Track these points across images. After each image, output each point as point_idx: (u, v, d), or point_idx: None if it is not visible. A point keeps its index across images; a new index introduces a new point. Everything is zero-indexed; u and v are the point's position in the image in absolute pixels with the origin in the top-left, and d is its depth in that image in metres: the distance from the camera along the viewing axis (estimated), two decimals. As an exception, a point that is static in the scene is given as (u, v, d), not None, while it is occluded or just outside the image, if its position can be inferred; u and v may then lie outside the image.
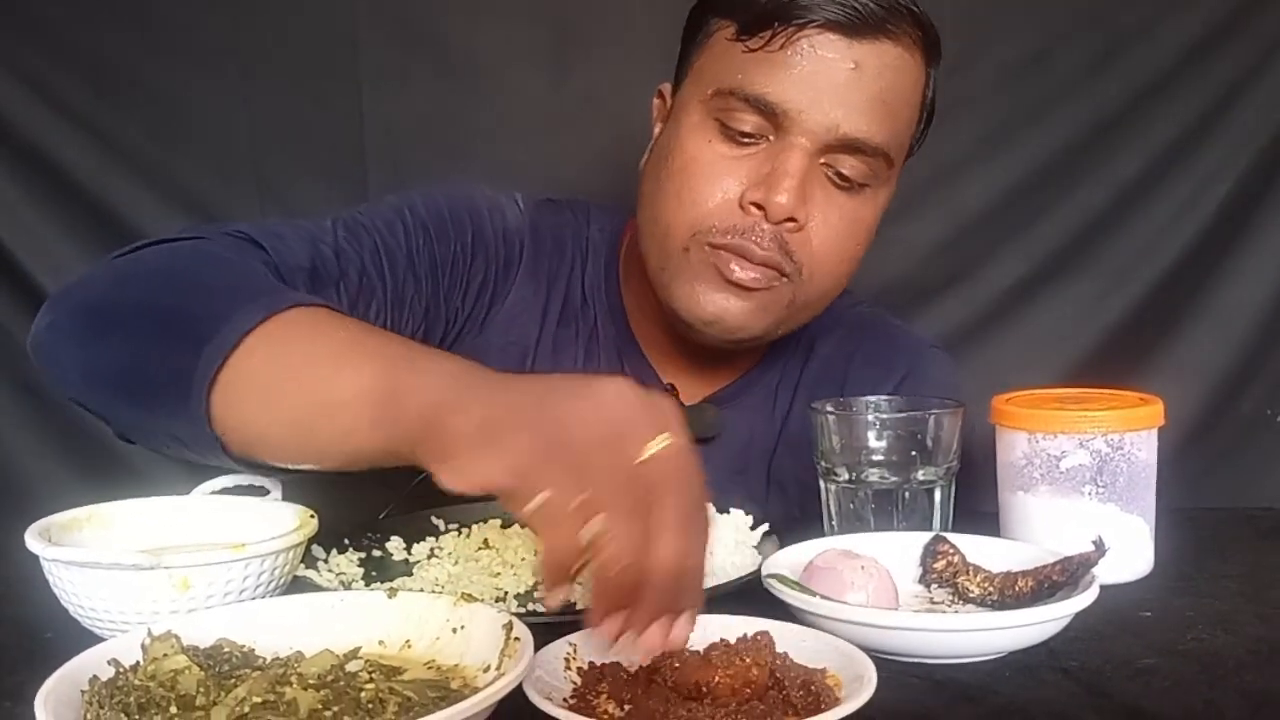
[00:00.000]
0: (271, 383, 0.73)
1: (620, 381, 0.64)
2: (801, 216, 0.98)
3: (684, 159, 1.00)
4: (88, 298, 0.85)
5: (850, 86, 0.96)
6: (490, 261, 1.09)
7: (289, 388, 0.72)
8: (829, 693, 0.61)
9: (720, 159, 0.99)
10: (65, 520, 0.79)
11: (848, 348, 1.16)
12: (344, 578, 0.85)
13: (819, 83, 0.95)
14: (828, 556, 0.78)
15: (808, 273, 1.01)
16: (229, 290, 0.79)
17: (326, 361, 0.72)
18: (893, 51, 0.97)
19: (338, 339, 0.74)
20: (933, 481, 0.90)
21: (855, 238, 1.03)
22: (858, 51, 0.96)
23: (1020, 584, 0.77)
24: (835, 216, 1.00)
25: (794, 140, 0.97)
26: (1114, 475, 0.86)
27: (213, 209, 1.59)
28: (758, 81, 0.96)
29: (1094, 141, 1.63)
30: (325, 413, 0.70)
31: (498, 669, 0.61)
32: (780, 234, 0.98)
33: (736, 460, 1.12)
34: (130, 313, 0.81)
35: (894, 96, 0.98)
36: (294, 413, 0.72)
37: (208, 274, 0.83)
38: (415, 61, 1.59)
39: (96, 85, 1.56)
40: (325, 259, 0.96)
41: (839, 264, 1.03)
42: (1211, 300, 1.63)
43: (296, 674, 0.58)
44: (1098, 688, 0.67)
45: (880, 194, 1.03)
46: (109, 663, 0.58)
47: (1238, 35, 1.61)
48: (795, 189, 0.96)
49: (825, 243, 1.00)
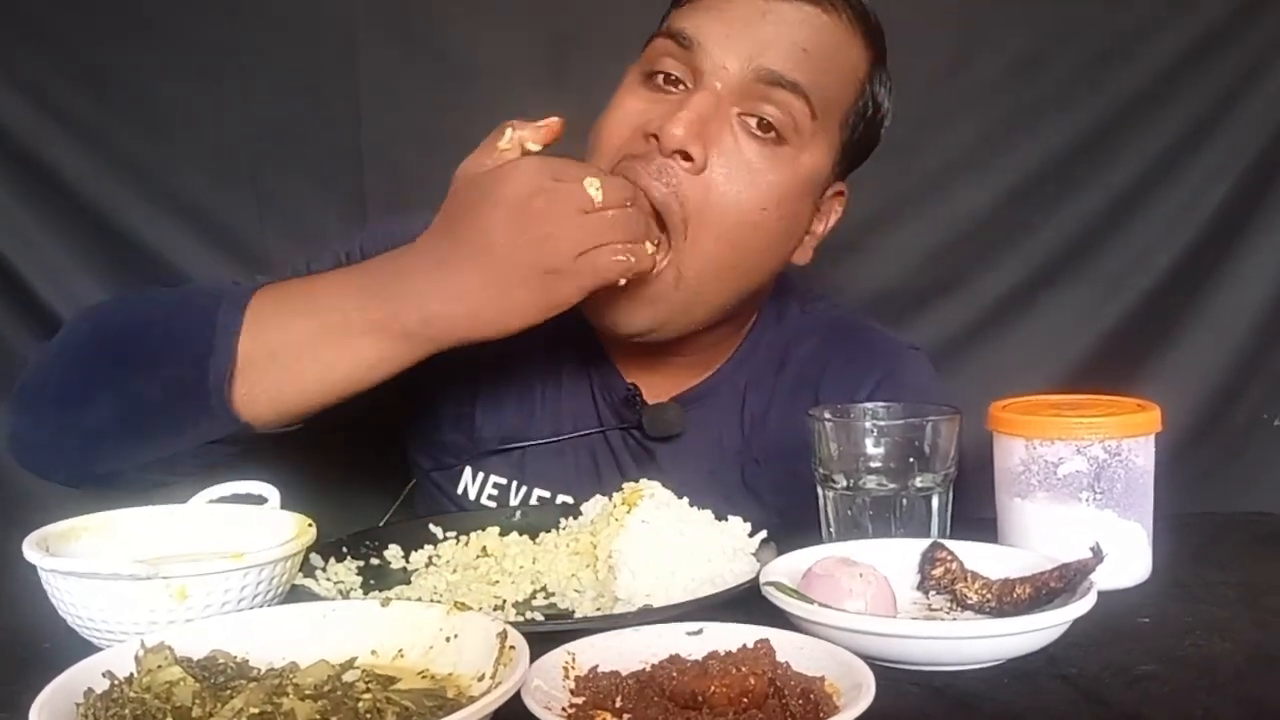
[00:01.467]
0: (287, 355, 0.88)
1: (510, 181, 0.88)
2: (698, 155, 0.95)
3: (608, 111, 1.03)
4: (46, 384, 0.95)
5: (768, 28, 0.98)
6: None
7: (305, 352, 0.88)
8: (827, 701, 0.60)
9: (639, 102, 1.01)
10: (63, 530, 0.79)
11: (823, 352, 1.15)
12: (342, 586, 0.85)
13: (736, 19, 0.98)
14: (826, 564, 0.78)
15: (694, 228, 0.96)
16: (191, 310, 0.91)
17: (323, 315, 0.88)
18: (814, 12, 1.00)
19: (306, 309, 0.89)
20: (930, 488, 0.90)
21: (759, 196, 0.98)
22: (774, 4, 0.99)
23: (1018, 591, 0.77)
24: (739, 165, 0.97)
25: (708, 83, 0.98)
26: (1111, 481, 0.86)
27: (209, 215, 1.59)
28: (680, 19, 1.00)
29: (1090, 147, 1.63)
30: (347, 356, 0.88)
31: (493, 678, 0.61)
32: (671, 166, 0.96)
33: (706, 460, 1.12)
34: (102, 375, 0.91)
35: (816, 50, 0.99)
36: (319, 367, 0.88)
37: (155, 314, 0.95)
38: (413, 68, 1.60)
39: (94, 91, 1.57)
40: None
41: (734, 224, 0.98)
42: (1208, 305, 1.63)
43: (293, 684, 0.58)
44: (1096, 694, 0.67)
45: (802, 157, 1.00)
46: (104, 674, 0.58)
47: (1233, 41, 1.61)
48: (692, 121, 0.95)
49: (721, 192, 0.96)
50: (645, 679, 0.63)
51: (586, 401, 1.13)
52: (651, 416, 1.09)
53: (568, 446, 1.12)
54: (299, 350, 0.88)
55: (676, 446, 1.11)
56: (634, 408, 1.10)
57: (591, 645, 0.67)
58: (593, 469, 1.12)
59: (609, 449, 1.13)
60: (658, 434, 1.10)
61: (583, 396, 1.13)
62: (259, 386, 0.88)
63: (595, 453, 1.13)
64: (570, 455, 1.12)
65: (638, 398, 1.10)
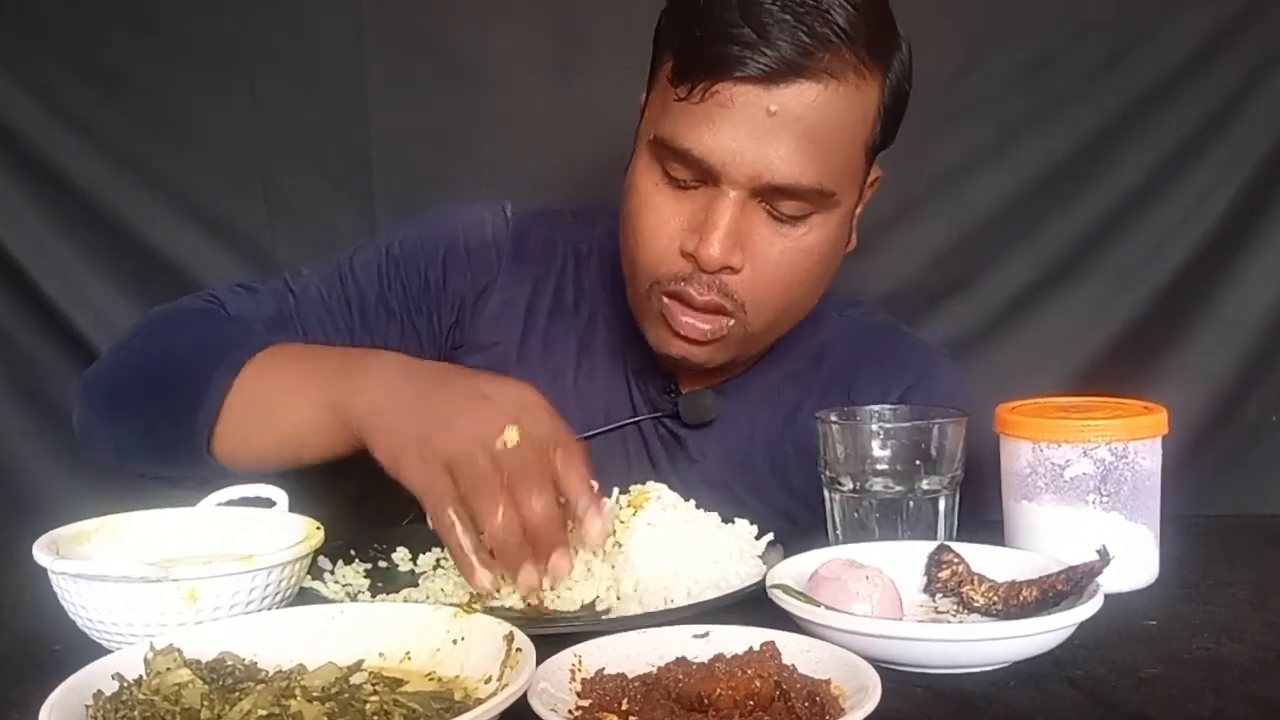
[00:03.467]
0: (254, 421, 0.94)
1: (491, 390, 0.85)
2: (737, 261, 1.00)
3: (637, 201, 1.03)
4: (100, 387, 1.06)
5: (771, 135, 0.96)
6: (465, 274, 1.16)
7: (267, 422, 0.94)
8: (833, 703, 0.61)
9: (665, 203, 1.02)
10: (73, 532, 0.80)
11: (859, 353, 1.17)
12: (350, 589, 0.86)
13: (738, 135, 0.96)
14: (832, 566, 0.78)
15: (752, 307, 1.02)
16: (201, 354, 0.98)
17: (288, 393, 0.94)
18: (813, 90, 0.96)
19: (292, 371, 0.95)
20: (937, 491, 0.90)
21: (802, 266, 1.03)
22: (776, 98, 0.95)
23: (1025, 593, 0.77)
24: (777, 250, 1.01)
25: (724, 189, 0.98)
26: (1118, 484, 0.86)
27: (219, 216, 1.59)
28: (683, 135, 0.98)
29: (1098, 147, 1.62)
30: (298, 433, 0.92)
31: (499, 680, 0.61)
32: (718, 279, 1.00)
33: (738, 451, 1.14)
34: (135, 395, 1.02)
35: (822, 132, 0.97)
36: (277, 437, 0.94)
37: (183, 348, 1.02)
38: (421, 69, 1.59)
39: (103, 92, 1.57)
40: (288, 313, 1.11)
41: (785, 293, 1.04)
42: (1217, 305, 1.62)
43: (301, 686, 0.58)
44: (1103, 697, 0.67)
45: (830, 218, 1.02)
46: (113, 676, 0.59)
47: (1242, 41, 1.60)
48: (723, 239, 0.98)
49: (766, 280, 1.02)
50: (651, 681, 0.63)
51: (620, 386, 1.15)
52: (688, 402, 1.12)
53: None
54: (270, 405, 0.94)
55: (708, 435, 1.13)
56: (670, 394, 1.13)
57: (598, 648, 0.67)
58: (622, 454, 1.14)
59: (640, 435, 1.15)
60: (694, 420, 1.12)
61: (617, 381, 1.15)
62: (231, 431, 0.94)
63: (625, 438, 1.15)
64: (599, 440, 1.13)
65: (673, 385, 1.13)
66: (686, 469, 1.13)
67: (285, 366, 0.96)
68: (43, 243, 1.57)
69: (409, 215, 1.31)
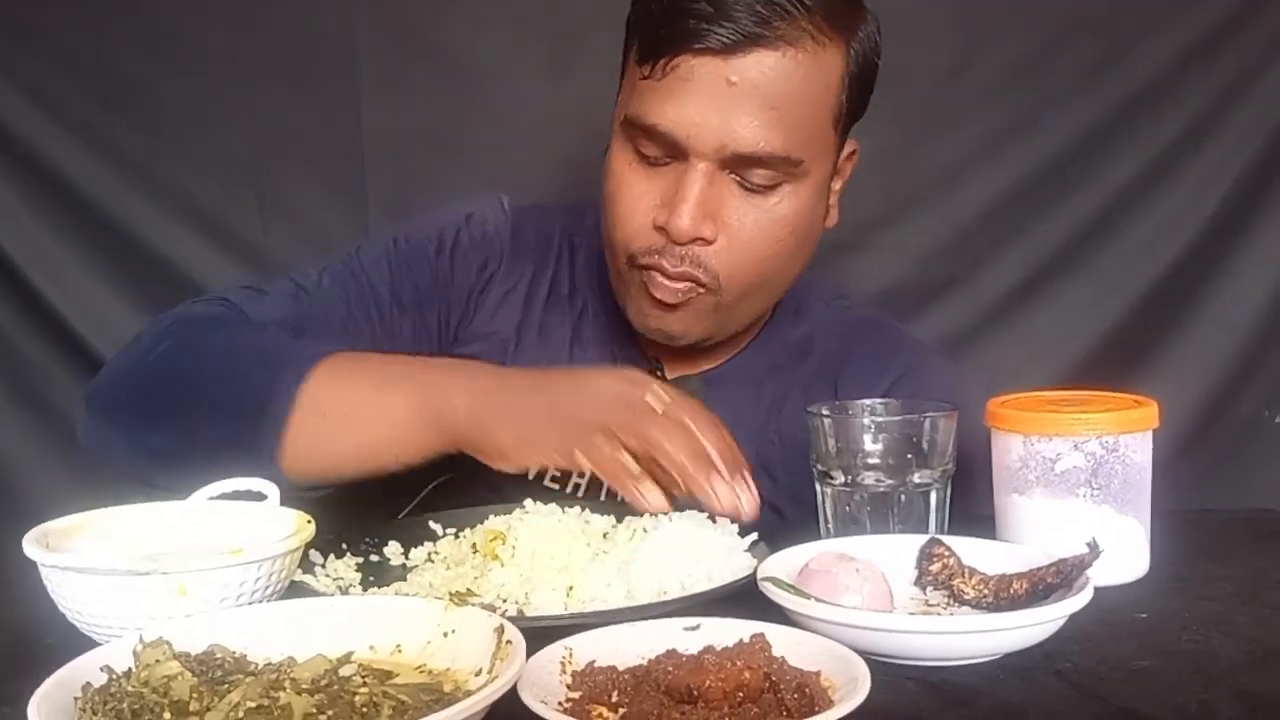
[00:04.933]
0: (327, 430, 0.93)
1: (605, 371, 0.94)
2: (708, 232, 1.01)
3: (613, 182, 1.05)
4: (121, 397, 1.03)
5: (732, 104, 0.98)
6: (470, 267, 1.17)
7: (342, 430, 0.94)
8: (823, 695, 0.61)
9: (638, 181, 1.04)
10: (64, 526, 0.79)
11: (845, 348, 1.18)
12: (341, 583, 0.86)
13: (700, 107, 0.98)
14: (823, 559, 0.78)
15: (726, 279, 1.04)
16: (255, 361, 0.98)
17: (367, 402, 0.94)
18: (771, 57, 0.97)
19: (365, 380, 0.96)
20: (928, 485, 0.90)
21: (775, 236, 1.04)
22: (734, 68, 0.97)
23: (1015, 586, 0.77)
24: (749, 221, 1.03)
25: (692, 162, 1.00)
26: (1109, 477, 0.86)
27: (212, 215, 1.60)
28: (649, 112, 1.00)
29: (1091, 146, 1.63)
30: (384, 439, 0.94)
31: (490, 672, 0.61)
32: (690, 250, 1.02)
33: None
34: (175, 406, 0.99)
35: (783, 100, 0.99)
36: (358, 443, 0.94)
37: (230, 356, 1.00)
38: (415, 70, 1.60)
39: (97, 93, 1.57)
40: (306, 314, 1.10)
41: (759, 264, 1.05)
42: (1209, 303, 1.63)
43: (290, 679, 0.58)
44: (1092, 689, 0.68)
45: (801, 187, 1.04)
46: (102, 669, 0.59)
47: (1234, 40, 1.61)
48: (692, 210, 1.00)
49: (739, 250, 1.03)
50: (641, 674, 0.63)
51: None
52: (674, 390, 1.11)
53: None
54: (346, 412, 0.94)
55: None
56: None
57: (589, 640, 0.67)
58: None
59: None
60: None
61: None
62: (302, 440, 0.93)
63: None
64: None
65: (660, 373, 1.13)
66: None
67: (357, 375, 0.96)
68: (38, 242, 1.58)
69: (404, 215, 1.32)
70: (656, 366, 1.14)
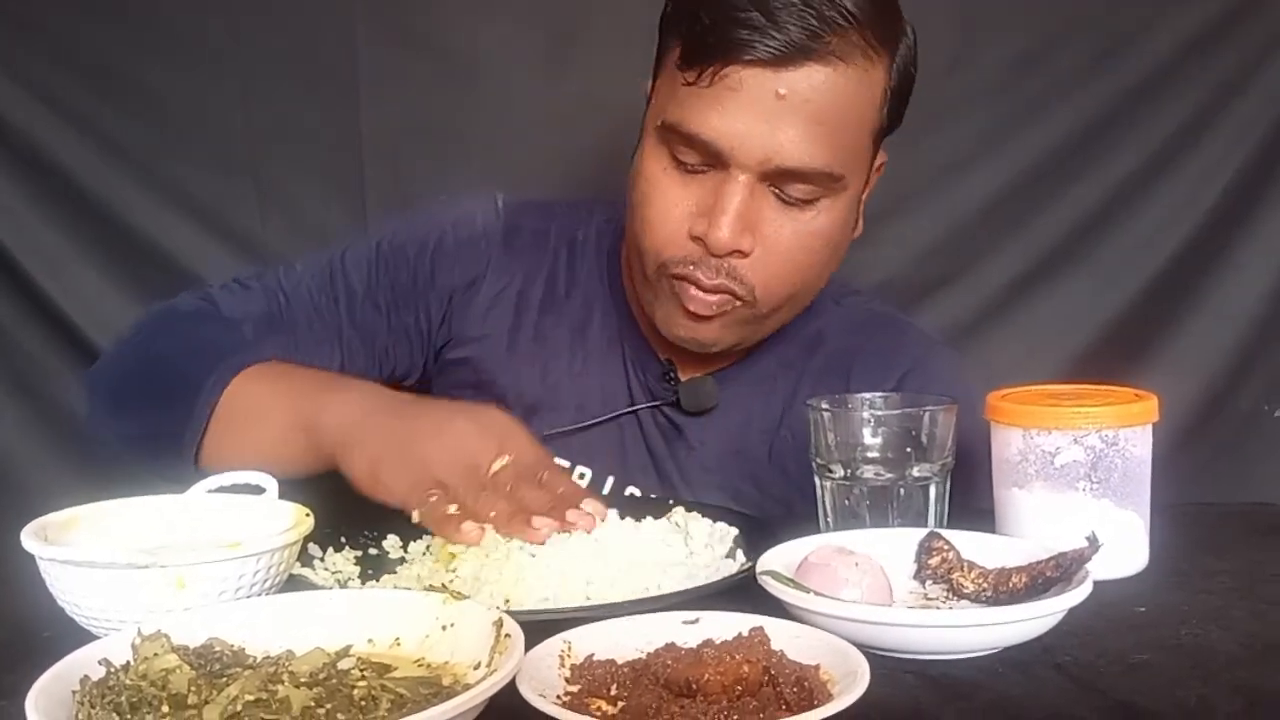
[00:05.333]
0: (234, 436, 0.99)
1: (471, 415, 0.93)
2: (746, 245, 1.01)
3: (645, 186, 1.04)
4: (103, 387, 1.12)
5: (780, 118, 0.97)
6: (453, 269, 1.17)
7: (245, 438, 0.99)
8: (822, 689, 0.61)
9: (673, 187, 1.02)
10: (62, 519, 0.79)
11: (855, 342, 1.18)
12: (340, 576, 0.86)
13: (747, 118, 0.97)
14: (822, 553, 0.78)
15: (761, 291, 1.04)
16: (194, 362, 1.02)
17: (265, 411, 0.99)
18: (822, 73, 0.96)
19: (270, 390, 1.00)
20: (928, 478, 0.90)
21: (811, 249, 1.04)
22: (784, 80, 0.96)
23: (1014, 580, 0.77)
24: (786, 234, 1.02)
25: (733, 173, 0.99)
26: (1108, 471, 0.86)
27: (211, 212, 1.59)
28: (692, 119, 0.99)
29: (1090, 139, 1.62)
30: (274, 447, 0.96)
31: (488, 666, 0.61)
32: (727, 263, 1.01)
33: (734, 439, 1.14)
34: (135, 398, 1.07)
35: (831, 115, 0.98)
36: (256, 449, 0.96)
37: (177, 355, 1.06)
38: (413, 64, 1.59)
39: (95, 86, 1.57)
40: (278, 311, 1.14)
41: (794, 276, 1.05)
42: (1208, 296, 1.63)
43: (288, 672, 0.58)
44: (1091, 683, 0.68)
45: (838, 201, 1.03)
46: (100, 662, 0.59)
47: (1233, 34, 1.61)
48: (733, 223, 0.99)
49: (775, 263, 1.03)
50: (640, 667, 0.63)
51: (618, 375, 1.16)
52: (688, 390, 1.12)
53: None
54: (246, 420, 0.99)
55: (705, 423, 1.14)
56: (669, 381, 1.13)
57: (588, 634, 0.67)
58: (619, 442, 1.15)
59: (637, 423, 1.15)
60: (694, 408, 1.13)
61: (614, 370, 1.16)
62: (213, 440, 0.99)
63: (623, 426, 1.15)
64: (596, 429, 1.14)
65: (673, 373, 1.13)
66: (684, 457, 1.14)
67: (266, 384, 1.01)
68: (37, 235, 1.57)
69: (401, 209, 1.32)
70: (669, 367, 1.14)
